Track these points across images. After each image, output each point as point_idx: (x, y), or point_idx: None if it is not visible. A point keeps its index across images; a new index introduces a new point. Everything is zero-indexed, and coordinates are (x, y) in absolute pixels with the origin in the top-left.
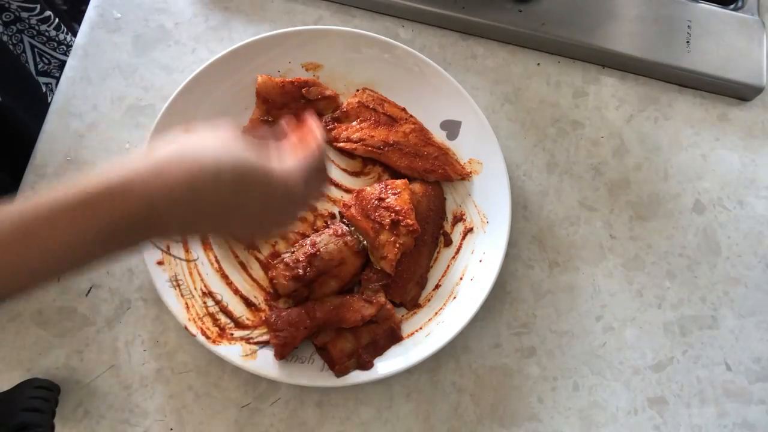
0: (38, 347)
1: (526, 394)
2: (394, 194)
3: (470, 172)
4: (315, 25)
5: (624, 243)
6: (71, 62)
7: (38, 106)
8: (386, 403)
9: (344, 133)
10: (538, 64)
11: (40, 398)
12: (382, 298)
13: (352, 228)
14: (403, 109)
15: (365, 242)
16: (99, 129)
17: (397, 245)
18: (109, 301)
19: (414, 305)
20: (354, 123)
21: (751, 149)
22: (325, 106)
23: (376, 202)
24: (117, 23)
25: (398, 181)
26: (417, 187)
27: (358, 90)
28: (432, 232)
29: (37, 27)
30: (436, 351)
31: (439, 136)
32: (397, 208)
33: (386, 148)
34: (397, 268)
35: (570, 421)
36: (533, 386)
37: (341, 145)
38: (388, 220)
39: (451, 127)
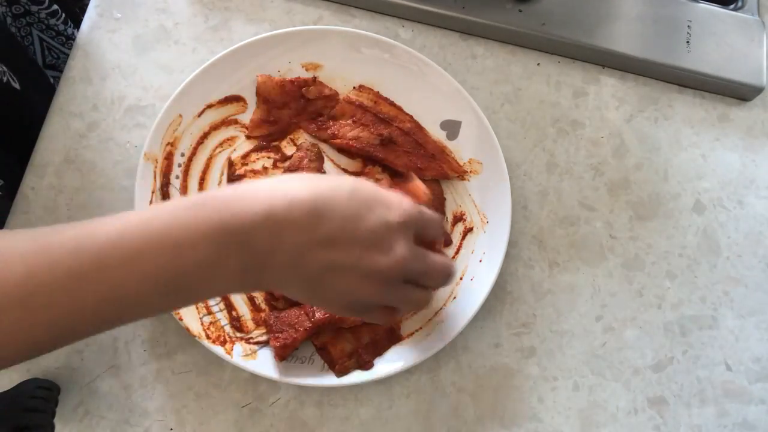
0: None
1: (526, 394)
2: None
3: (467, 171)
4: (315, 25)
5: (624, 243)
6: (71, 62)
7: (47, 94)
8: (386, 403)
9: (340, 130)
10: (538, 64)
11: (40, 398)
12: None
13: None
14: (399, 108)
15: None
16: (99, 129)
17: None
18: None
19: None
20: (350, 120)
21: (751, 149)
22: (325, 105)
23: None
24: (117, 23)
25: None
26: None
27: (354, 87)
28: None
29: (46, 21)
30: (436, 351)
31: (439, 136)
32: None
33: (381, 146)
34: None
35: (570, 421)
36: (533, 386)
37: (336, 142)
38: None
39: (451, 127)
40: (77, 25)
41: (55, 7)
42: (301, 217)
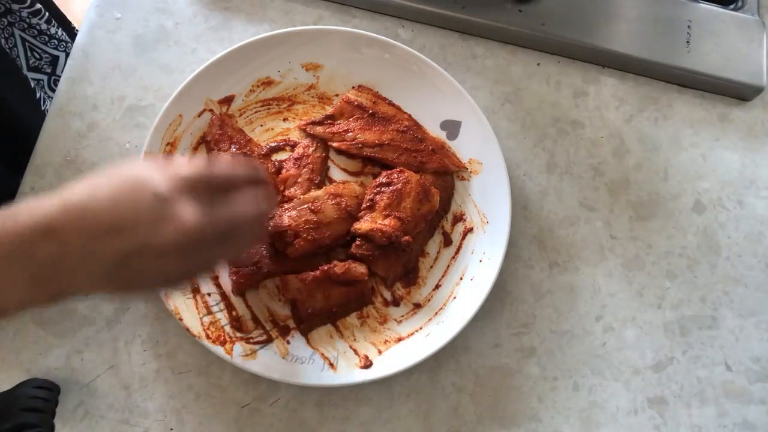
0: (38, 347)
1: (526, 394)
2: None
3: (467, 166)
4: (315, 25)
5: (624, 243)
6: (71, 62)
7: (28, 100)
8: (386, 403)
9: (338, 132)
10: (538, 64)
11: (40, 398)
12: (361, 267)
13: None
14: (398, 107)
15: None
16: (99, 129)
17: (378, 231)
18: (110, 301)
19: (393, 284)
20: (349, 121)
21: (751, 149)
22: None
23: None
24: (117, 23)
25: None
26: (428, 177)
27: (354, 87)
28: (430, 219)
29: (28, 20)
30: (436, 351)
31: (439, 136)
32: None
33: (381, 147)
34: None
35: (570, 421)
36: (533, 386)
37: (335, 145)
38: (384, 204)
39: (451, 127)
40: (63, 25)
41: (38, 6)
42: (75, 218)
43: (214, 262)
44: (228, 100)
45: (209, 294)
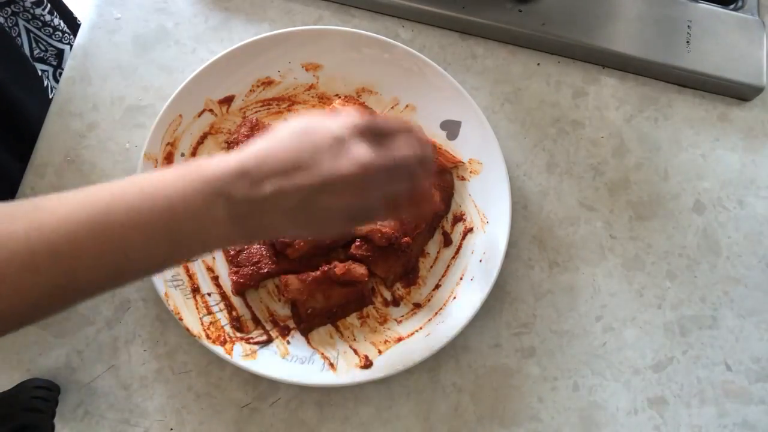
0: (38, 347)
1: (526, 394)
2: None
3: (462, 161)
4: (315, 25)
5: (624, 243)
6: (71, 62)
7: (36, 88)
8: (386, 403)
9: None
10: (538, 64)
11: (40, 398)
12: (361, 267)
13: None
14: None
15: None
16: (99, 129)
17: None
18: (109, 301)
19: (393, 285)
20: None
21: (751, 149)
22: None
23: None
24: (117, 23)
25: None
26: None
27: (339, 97)
28: (429, 220)
29: (31, 10)
30: (436, 351)
31: (440, 136)
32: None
33: None
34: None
35: (570, 421)
36: (533, 386)
37: None
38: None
39: (451, 127)
40: (64, 18)
41: None
42: (263, 161)
43: (386, 198)
44: (228, 100)
45: (209, 294)
